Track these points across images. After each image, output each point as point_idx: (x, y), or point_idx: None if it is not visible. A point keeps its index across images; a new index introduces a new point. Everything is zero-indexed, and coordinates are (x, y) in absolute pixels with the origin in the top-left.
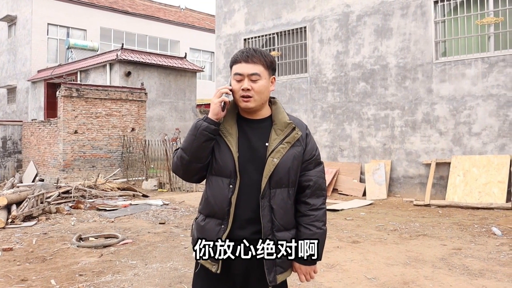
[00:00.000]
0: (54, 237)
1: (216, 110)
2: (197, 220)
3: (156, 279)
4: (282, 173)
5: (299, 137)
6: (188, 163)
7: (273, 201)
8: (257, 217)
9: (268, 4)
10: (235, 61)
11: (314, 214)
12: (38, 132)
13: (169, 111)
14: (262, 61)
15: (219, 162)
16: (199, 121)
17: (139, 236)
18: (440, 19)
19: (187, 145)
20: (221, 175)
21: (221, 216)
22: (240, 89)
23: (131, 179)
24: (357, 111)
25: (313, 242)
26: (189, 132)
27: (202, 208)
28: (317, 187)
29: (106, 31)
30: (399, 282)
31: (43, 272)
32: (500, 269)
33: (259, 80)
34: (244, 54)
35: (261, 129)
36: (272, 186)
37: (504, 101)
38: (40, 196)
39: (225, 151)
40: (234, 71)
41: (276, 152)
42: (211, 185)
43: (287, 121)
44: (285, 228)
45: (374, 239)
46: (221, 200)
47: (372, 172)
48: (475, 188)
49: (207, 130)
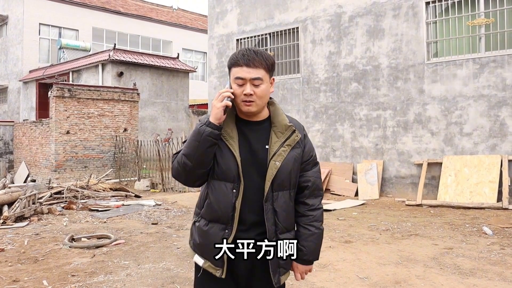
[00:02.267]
0: (46, 238)
1: (219, 115)
2: (199, 225)
3: (148, 280)
4: (284, 176)
5: (299, 139)
6: (191, 169)
7: (276, 204)
8: (261, 220)
9: (260, 5)
10: (235, 63)
11: (313, 214)
12: (30, 133)
13: (161, 111)
14: (263, 65)
15: (222, 167)
16: (202, 126)
17: (132, 236)
18: (431, 20)
19: (190, 151)
20: (224, 179)
21: (225, 220)
22: (242, 93)
23: (123, 180)
24: (349, 111)
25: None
26: (191, 138)
27: (204, 213)
28: (315, 187)
29: (98, 31)
30: (391, 282)
31: (35, 273)
32: (491, 268)
33: (261, 84)
34: (246, 57)
35: (260, 131)
36: (275, 189)
37: (495, 101)
38: (32, 196)
39: (228, 155)
40: (235, 74)
41: (278, 155)
42: (214, 189)
43: (287, 123)
44: (287, 229)
45: (366, 239)
46: (225, 205)
47: (364, 172)
48: (467, 188)
49: (211, 136)
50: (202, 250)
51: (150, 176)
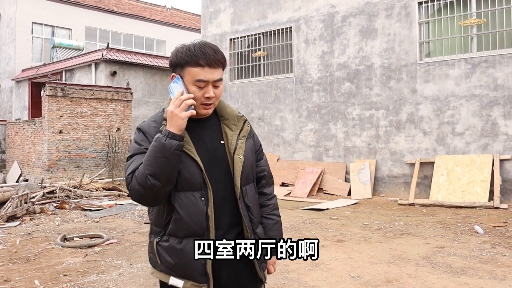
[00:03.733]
0: (38, 238)
1: (183, 126)
2: (169, 244)
3: (141, 279)
4: (248, 169)
5: (249, 129)
6: (160, 189)
7: (247, 199)
8: (236, 220)
9: (254, 4)
10: (194, 62)
11: (272, 203)
12: (23, 132)
13: (154, 111)
14: (222, 63)
15: (186, 176)
16: (166, 140)
17: (124, 236)
18: (424, 20)
19: (158, 170)
20: (190, 189)
21: (201, 232)
22: (202, 96)
23: (116, 179)
24: (342, 111)
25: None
26: (154, 154)
27: (173, 230)
28: (269, 175)
29: (91, 30)
30: (382, 280)
31: (26, 273)
32: (482, 267)
33: (221, 84)
34: (207, 56)
35: (210, 127)
36: (242, 184)
37: (487, 101)
38: (24, 196)
39: (188, 161)
40: (195, 76)
41: (239, 149)
42: (182, 202)
43: (237, 114)
44: (259, 222)
45: (359, 238)
46: (198, 216)
47: (357, 172)
48: (459, 187)
49: (178, 149)
50: (181, 270)
51: None
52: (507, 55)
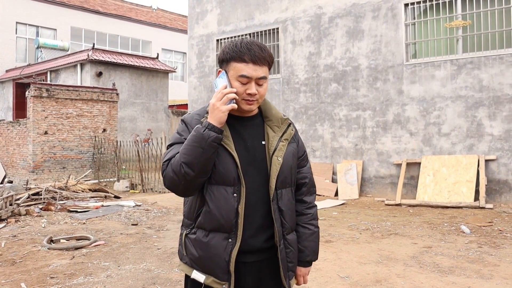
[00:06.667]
0: (24, 240)
1: (223, 119)
2: (196, 237)
3: (129, 281)
4: (286, 172)
5: (294, 133)
6: (193, 179)
7: (281, 203)
8: (267, 223)
9: (240, 5)
10: (239, 58)
11: (311, 212)
12: (7, 133)
13: (141, 111)
14: (268, 62)
15: (220, 170)
16: (205, 131)
17: (112, 237)
18: (410, 21)
19: (193, 159)
20: (223, 183)
21: (228, 228)
22: (244, 92)
23: (102, 180)
24: (329, 112)
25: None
26: (191, 144)
27: (202, 223)
28: (311, 184)
29: (76, 30)
30: (371, 280)
31: (12, 276)
32: (469, 266)
33: (265, 82)
34: (252, 52)
35: (254, 127)
36: (278, 187)
37: (472, 102)
38: (9, 198)
39: (225, 156)
40: (239, 71)
41: (278, 151)
42: (213, 196)
43: (282, 116)
44: (292, 229)
45: (347, 239)
46: (227, 212)
47: (344, 172)
48: (445, 188)
49: (216, 141)
50: (204, 264)
51: (129, 177)
52: (491, 57)
